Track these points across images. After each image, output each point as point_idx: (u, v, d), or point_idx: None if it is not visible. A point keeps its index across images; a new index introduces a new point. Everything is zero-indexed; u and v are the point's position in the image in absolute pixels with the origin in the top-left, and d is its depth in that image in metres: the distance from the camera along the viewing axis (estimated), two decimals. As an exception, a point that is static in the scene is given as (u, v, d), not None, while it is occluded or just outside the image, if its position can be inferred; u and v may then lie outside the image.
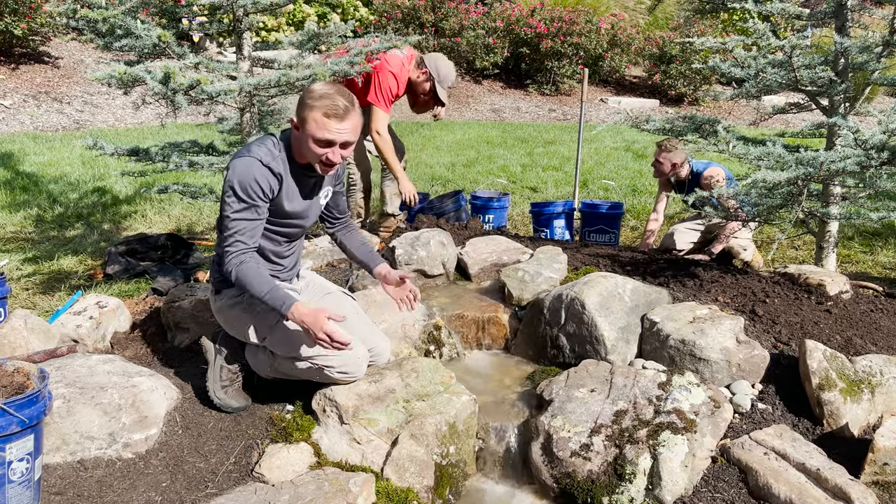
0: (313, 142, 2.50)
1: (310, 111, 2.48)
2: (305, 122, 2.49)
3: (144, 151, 4.10)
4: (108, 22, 3.69)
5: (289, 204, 2.63)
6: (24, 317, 3.02)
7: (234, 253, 2.52)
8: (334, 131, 2.48)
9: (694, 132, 3.99)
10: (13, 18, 9.62)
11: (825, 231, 3.85)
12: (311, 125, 2.48)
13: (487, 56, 13.02)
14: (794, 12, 3.69)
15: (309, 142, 2.50)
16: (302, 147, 2.55)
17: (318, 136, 2.48)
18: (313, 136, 2.49)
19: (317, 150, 2.51)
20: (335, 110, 2.47)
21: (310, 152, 2.53)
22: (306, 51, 4.21)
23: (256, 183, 2.49)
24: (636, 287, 3.20)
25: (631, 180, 7.67)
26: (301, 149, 2.57)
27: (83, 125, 9.55)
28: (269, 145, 2.58)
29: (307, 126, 2.49)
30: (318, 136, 2.48)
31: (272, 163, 2.53)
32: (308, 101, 2.49)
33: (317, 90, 2.50)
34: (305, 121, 2.49)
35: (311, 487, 2.30)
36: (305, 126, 2.49)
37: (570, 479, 2.42)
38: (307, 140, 2.51)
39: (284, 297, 2.49)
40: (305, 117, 2.49)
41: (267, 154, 2.53)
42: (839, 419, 2.55)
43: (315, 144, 2.50)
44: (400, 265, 3.71)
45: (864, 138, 3.07)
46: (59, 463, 2.42)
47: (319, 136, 2.48)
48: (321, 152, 2.52)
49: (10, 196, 6.45)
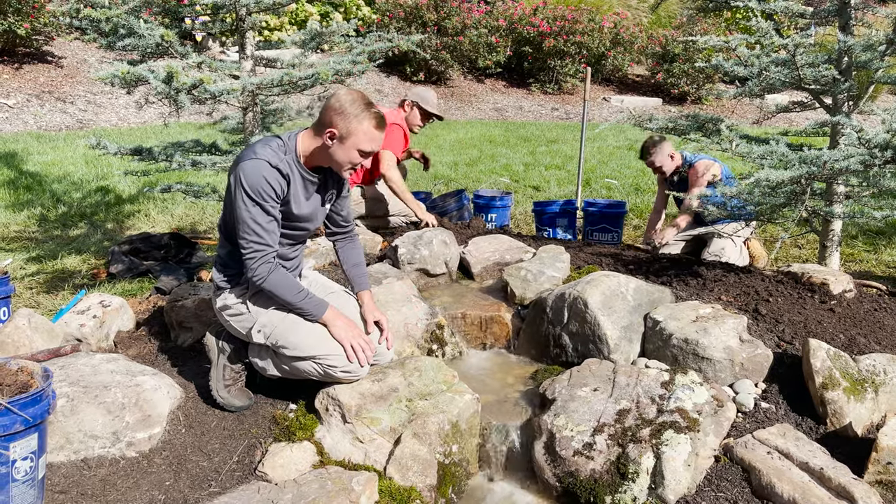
0: (358, 152, 2.55)
1: (358, 123, 2.51)
2: (352, 134, 2.52)
3: (147, 151, 4.11)
4: (111, 21, 3.70)
5: (295, 206, 2.63)
6: (27, 316, 3.03)
7: (258, 259, 2.53)
8: (378, 141, 2.57)
9: (697, 131, 3.99)
10: (17, 18, 9.64)
11: (829, 230, 3.84)
12: (359, 138, 2.52)
13: (490, 55, 13.02)
14: (797, 10, 3.69)
15: (352, 153, 2.55)
16: (336, 156, 2.57)
17: (365, 149, 2.55)
18: (361, 147, 2.54)
19: (357, 160, 2.58)
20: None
21: (346, 160, 2.57)
22: (309, 50, 4.22)
23: (268, 184, 2.49)
24: (639, 286, 3.20)
25: (633, 179, 7.66)
26: (331, 157, 2.58)
27: (86, 124, 9.57)
28: (273, 147, 2.57)
29: (355, 137, 2.52)
30: (366, 147, 2.55)
31: (280, 164, 2.53)
32: (351, 111, 2.50)
33: (354, 100, 2.52)
34: (353, 133, 2.52)
35: (315, 486, 2.30)
36: (352, 137, 2.52)
37: (573, 478, 2.42)
38: (350, 151, 2.54)
39: (319, 302, 2.60)
40: (352, 129, 2.51)
41: (273, 156, 2.53)
42: (843, 418, 2.54)
43: (358, 154, 2.56)
44: (403, 264, 3.71)
45: (868, 137, 3.06)
46: (63, 462, 2.43)
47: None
48: (359, 161, 2.58)
49: (13, 195, 6.47)
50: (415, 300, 3.30)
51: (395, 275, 3.56)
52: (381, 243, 4.31)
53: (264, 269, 2.54)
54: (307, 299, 2.59)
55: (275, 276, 2.56)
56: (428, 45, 12.10)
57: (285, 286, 2.58)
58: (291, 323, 2.60)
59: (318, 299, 2.62)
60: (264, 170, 2.49)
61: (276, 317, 2.62)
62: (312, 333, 2.58)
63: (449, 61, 12.63)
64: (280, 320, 2.61)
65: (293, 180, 2.59)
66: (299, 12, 12.31)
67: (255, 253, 2.53)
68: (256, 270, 2.54)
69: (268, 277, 2.55)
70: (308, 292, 2.61)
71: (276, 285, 2.56)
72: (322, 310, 2.60)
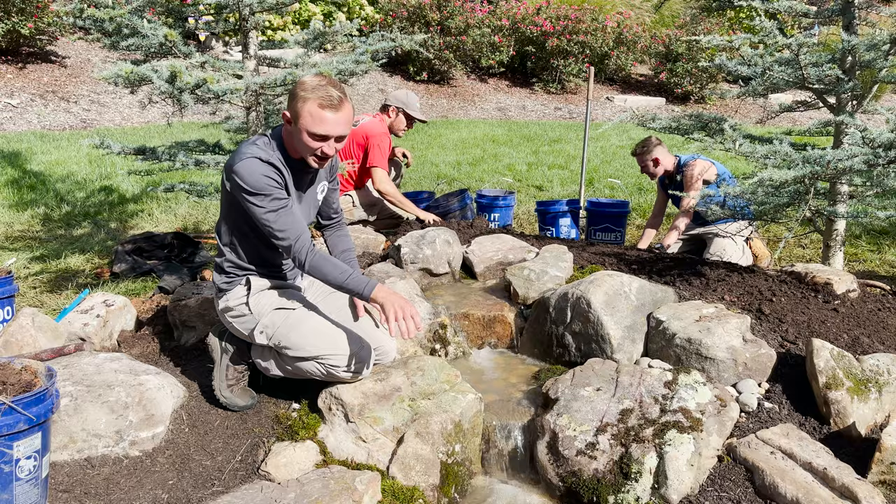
0: (308, 136, 2.46)
1: (303, 103, 2.43)
2: (299, 116, 2.45)
3: (151, 150, 4.12)
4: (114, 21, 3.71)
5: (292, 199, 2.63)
6: (31, 315, 3.03)
7: (300, 247, 2.51)
8: (330, 123, 2.45)
9: (700, 130, 3.98)
10: (20, 18, 9.66)
11: (832, 230, 3.83)
12: (305, 119, 2.43)
13: (493, 54, 13.02)
14: (801, 10, 3.68)
15: (304, 136, 2.46)
16: (295, 141, 2.52)
17: (313, 130, 2.45)
18: (308, 129, 2.45)
19: (312, 144, 2.48)
20: (330, 101, 2.43)
21: (304, 146, 2.50)
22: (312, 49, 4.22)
23: (267, 177, 2.48)
24: (642, 286, 3.19)
25: (637, 179, 7.65)
26: (295, 143, 2.53)
27: (90, 124, 9.59)
28: (260, 144, 2.56)
29: (301, 120, 2.44)
30: (313, 129, 2.44)
31: (270, 159, 2.51)
32: (301, 94, 2.44)
33: (308, 82, 2.47)
34: (299, 114, 2.44)
35: (317, 486, 2.30)
36: (299, 120, 2.45)
37: (576, 478, 2.42)
38: (301, 134, 2.46)
39: (366, 280, 2.53)
40: (299, 111, 2.44)
41: (262, 152, 2.51)
42: (846, 418, 2.54)
43: (310, 138, 2.46)
44: (405, 264, 3.71)
45: (872, 136, 3.05)
46: (67, 461, 2.44)
47: (315, 129, 2.44)
48: (316, 146, 2.48)
49: (17, 195, 6.48)
50: (418, 300, 3.30)
51: (398, 274, 3.56)
52: (384, 243, 4.31)
53: (303, 252, 2.51)
54: (352, 277, 2.52)
55: (318, 257, 2.53)
56: (431, 45, 12.10)
57: (330, 267, 2.53)
58: (294, 323, 2.60)
59: (364, 277, 2.55)
60: (257, 165, 2.47)
61: (278, 317, 2.62)
62: (315, 333, 2.58)
63: (452, 61, 12.63)
64: (282, 321, 2.61)
65: (286, 172, 2.57)
66: (302, 12, 12.31)
67: (294, 244, 2.51)
68: (300, 259, 2.51)
69: (311, 259, 2.51)
70: (351, 272, 2.54)
71: (321, 265, 2.52)
72: (370, 288, 2.50)
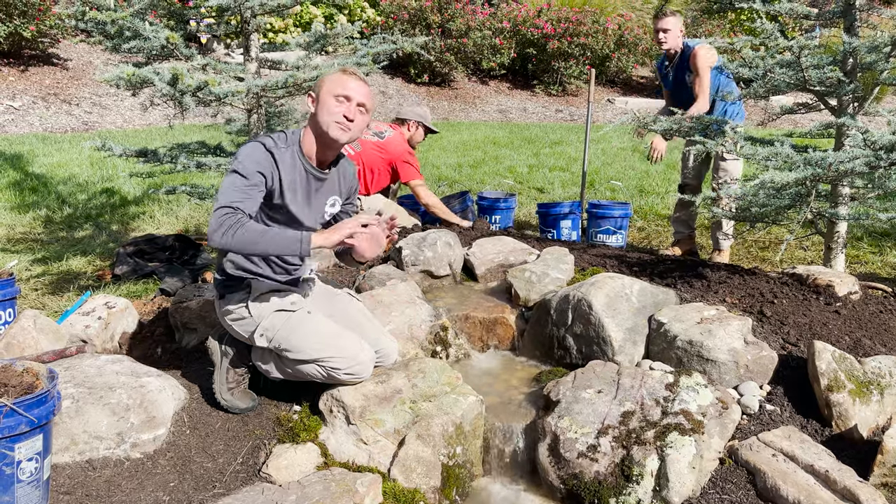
0: (332, 98, 2.58)
1: (326, 78, 2.62)
2: (323, 85, 2.61)
3: (153, 152, 4.13)
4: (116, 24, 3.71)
5: (291, 199, 2.61)
6: (33, 317, 3.04)
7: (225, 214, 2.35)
8: (352, 86, 2.59)
9: (701, 132, 3.98)
10: (22, 20, 9.68)
11: (834, 232, 3.83)
12: (328, 84, 2.60)
13: (494, 57, 13.03)
14: (802, 12, 3.67)
15: (328, 101, 2.58)
16: (320, 116, 2.59)
17: (336, 91, 2.58)
18: (332, 91, 2.58)
19: (335, 108, 2.57)
20: (351, 70, 2.63)
21: (327, 115, 2.58)
22: (313, 52, 4.23)
23: (256, 162, 2.50)
24: (643, 288, 3.19)
25: (638, 181, 7.66)
26: (318, 124, 2.60)
27: (92, 126, 9.60)
28: (279, 137, 2.63)
29: (325, 86, 2.60)
30: (336, 91, 2.58)
31: (275, 149, 2.55)
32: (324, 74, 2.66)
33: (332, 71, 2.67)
34: (323, 83, 2.62)
35: (319, 488, 2.30)
36: (323, 88, 2.60)
37: (577, 481, 2.42)
38: (326, 100, 2.58)
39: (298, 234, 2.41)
40: (322, 82, 2.63)
41: (272, 143, 2.57)
42: (848, 421, 2.53)
43: (334, 101, 2.58)
44: (406, 266, 3.71)
45: (874, 139, 3.05)
46: (68, 463, 2.44)
47: (338, 90, 2.58)
48: (339, 110, 2.57)
49: (19, 197, 6.49)
50: (419, 302, 3.30)
51: (399, 276, 3.56)
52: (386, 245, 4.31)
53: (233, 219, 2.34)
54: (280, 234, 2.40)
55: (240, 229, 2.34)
56: (432, 47, 12.11)
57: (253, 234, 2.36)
58: (294, 326, 2.60)
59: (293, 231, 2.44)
60: (258, 150, 2.54)
61: (278, 320, 2.62)
62: (315, 336, 2.58)
63: (453, 63, 12.64)
64: (282, 323, 2.61)
65: (293, 172, 2.59)
66: (304, 14, 12.33)
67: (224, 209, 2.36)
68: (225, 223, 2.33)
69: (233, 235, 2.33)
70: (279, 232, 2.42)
71: (244, 238, 2.35)
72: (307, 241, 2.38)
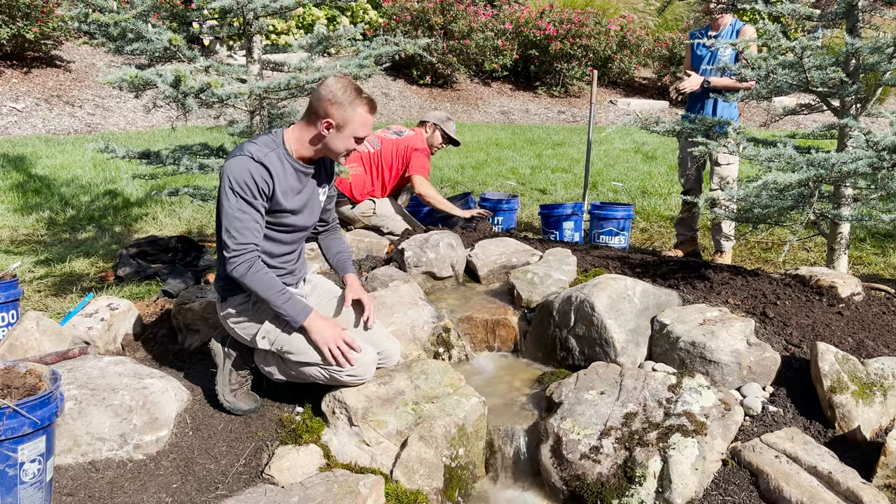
0: (354, 139, 2.61)
1: (353, 110, 2.56)
2: (349, 123, 2.57)
3: (155, 154, 4.13)
4: (119, 26, 3.72)
5: (285, 200, 2.62)
6: (36, 319, 3.04)
7: (240, 253, 2.51)
8: (371, 126, 2.64)
9: (704, 134, 3.97)
10: (26, 22, 9.70)
11: (836, 233, 3.82)
12: (356, 125, 2.58)
13: (496, 58, 13.03)
14: (804, 13, 3.67)
15: (349, 140, 2.61)
16: (334, 143, 2.61)
17: (361, 135, 2.61)
18: (357, 134, 2.60)
19: (353, 146, 2.63)
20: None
21: (342, 147, 2.63)
22: (316, 54, 4.23)
23: (252, 178, 2.50)
24: (646, 289, 3.19)
25: (640, 182, 7.65)
26: (327, 145, 2.62)
27: (95, 128, 9.62)
28: (262, 141, 2.60)
29: (352, 125, 2.58)
30: (361, 134, 2.61)
31: (263, 158, 2.53)
32: (345, 99, 2.55)
33: (344, 87, 2.56)
34: (349, 121, 2.57)
35: (321, 489, 2.30)
36: (349, 126, 2.58)
37: (580, 482, 2.41)
38: (347, 139, 2.60)
39: (303, 307, 2.54)
40: (349, 118, 2.57)
41: (258, 150, 2.54)
42: (851, 422, 2.53)
43: (354, 141, 2.62)
44: (409, 267, 3.71)
45: (876, 139, 3.05)
46: (71, 464, 2.44)
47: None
48: (354, 147, 2.64)
49: (22, 199, 6.50)
50: (421, 303, 3.30)
51: (401, 278, 3.56)
52: (388, 246, 4.31)
53: (246, 264, 2.50)
54: (290, 301, 2.53)
55: (258, 273, 2.52)
56: (434, 49, 12.12)
57: (268, 286, 2.53)
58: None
59: (301, 303, 2.57)
60: (248, 164, 2.51)
61: (280, 323, 2.62)
62: (318, 337, 2.59)
63: (455, 65, 12.65)
64: (284, 326, 2.61)
65: (281, 173, 2.58)
66: (306, 16, 12.35)
67: (237, 248, 2.50)
68: (238, 265, 2.50)
69: (250, 272, 2.51)
70: (291, 294, 2.56)
71: (259, 282, 2.52)
72: (304, 315, 2.54)
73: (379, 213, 4.89)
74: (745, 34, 4.76)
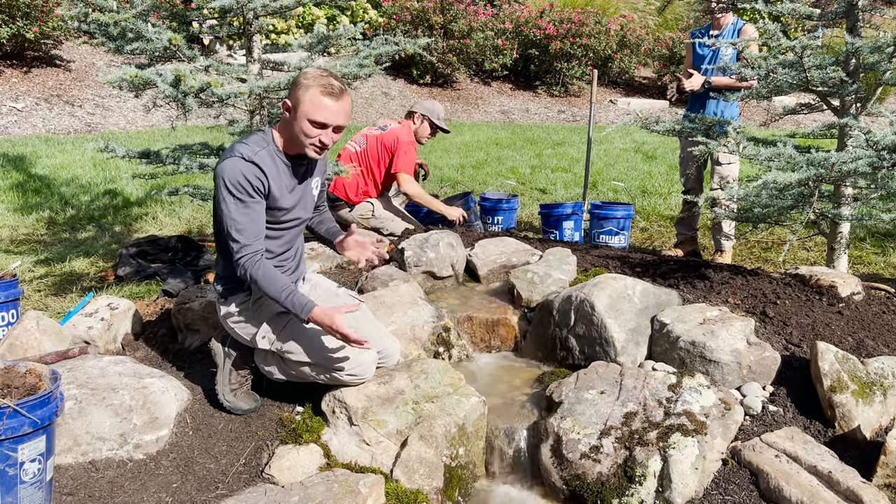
0: (308, 123, 2.48)
1: (305, 91, 2.46)
2: (300, 104, 2.47)
3: (155, 154, 4.13)
4: (119, 25, 3.71)
5: (280, 195, 2.61)
6: (36, 318, 3.04)
7: (245, 255, 2.50)
8: (330, 111, 2.47)
9: (704, 133, 3.97)
10: (25, 22, 9.70)
11: (837, 232, 3.82)
12: (306, 106, 2.46)
13: (496, 58, 13.03)
14: (804, 12, 3.67)
15: (303, 124, 2.48)
16: (294, 131, 2.52)
17: (313, 118, 2.47)
18: (309, 117, 2.47)
19: (311, 132, 2.50)
20: (331, 89, 2.47)
21: (302, 135, 2.51)
22: (316, 53, 4.23)
23: (245, 179, 2.48)
24: (646, 289, 3.19)
25: (640, 182, 7.65)
26: (293, 133, 2.54)
27: (95, 128, 9.62)
28: (253, 140, 2.57)
29: (302, 107, 2.47)
30: (313, 117, 2.47)
31: (255, 157, 2.51)
32: (303, 82, 2.47)
33: (311, 72, 2.50)
34: (300, 102, 2.47)
35: (321, 489, 2.30)
36: (300, 108, 2.47)
37: (580, 481, 2.42)
38: (301, 122, 2.48)
39: (305, 302, 2.50)
40: (300, 98, 2.47)
41: (249, 150, 2.52)
42: (851, 421, 2.53)
43: (310, 126, 2.48)
44: (409, 267, 3.71)
45: (876, 139, 3.05)
46: (71, 464, 2.44)
47: (315, 117, 2.47)
48: (315, 134, 2.50)
49: (22, 198, 6.50)
50: (421, 303, 3.30)
51: (401, 277, 3.56)
52: (388, 245, 4.31)
53: (251, 262, 2.50)
54: (291, 297, 2.50)
55: (263, 270, 2.51)
56: (434, 49, 12.12)
57: (272, 282, 2.50)
58: (296, 328, 2.60)
59: (305, 298, 2.52)
60: (240, 165, 2.48)
61: (279, 322, 2.62)
62: (317, 337, 2.59)
63: (455, 64, 12.64)
64: (284, 326, 2.61)
65: (274, 170, 2.57)
66: (306, 16, 12.34)
67: (242, 250, 2.50)
68: (244, 264, 2.50)
69: (255, 270, 2.49)
70: (295, 291, 2.52)
71: (264, 279, 2.50)
72: (308, 309, 2.49)
73: (378, 214, 4.89)
74: (746, 33, 4.76)
